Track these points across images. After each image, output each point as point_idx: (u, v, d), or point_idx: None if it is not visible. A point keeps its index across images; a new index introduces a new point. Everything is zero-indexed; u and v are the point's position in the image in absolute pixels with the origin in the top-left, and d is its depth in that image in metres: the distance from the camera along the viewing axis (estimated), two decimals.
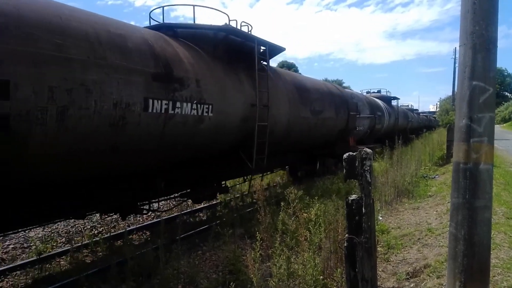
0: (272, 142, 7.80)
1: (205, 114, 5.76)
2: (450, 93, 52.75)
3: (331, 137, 11.83)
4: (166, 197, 7.25)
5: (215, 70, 6.32)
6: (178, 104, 5.18)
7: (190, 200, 8.69)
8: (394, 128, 21.07)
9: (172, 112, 5.10)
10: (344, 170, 2.90)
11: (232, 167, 7.62)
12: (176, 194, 7.41)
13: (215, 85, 6.13)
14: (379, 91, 23.75)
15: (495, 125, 3.08)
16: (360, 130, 15.34)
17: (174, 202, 8.10)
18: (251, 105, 7.05)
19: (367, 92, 23.09)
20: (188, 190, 7.24)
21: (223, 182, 8.21)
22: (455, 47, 48.69)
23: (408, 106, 37.19)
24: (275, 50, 8.53)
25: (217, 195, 8.59)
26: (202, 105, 5.68)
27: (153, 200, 6.95)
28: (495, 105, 3.00)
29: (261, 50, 7.92)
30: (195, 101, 5.50)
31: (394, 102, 23.85)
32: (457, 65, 3.23)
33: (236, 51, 7.19)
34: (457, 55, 3.08)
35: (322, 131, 10.68)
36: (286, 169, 12.61)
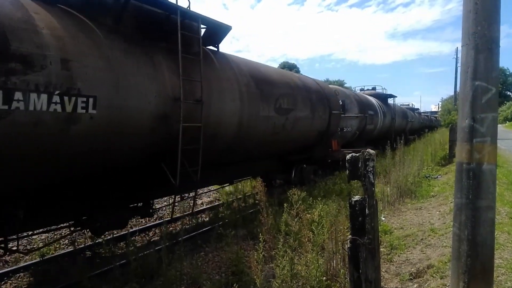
0: (217, 148, 6.41)
1: (81, 110, 4.06)
2: (452, 93, 52.80)
3: (308, 140, 9.99)
4: (45, 229, 5.47)
5: (109, 49, 4.57)
6: (18, 95, 3.51)
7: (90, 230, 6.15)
8: (390, 129, 19.38)
9: (6, 107, 3.45)
10: (347, 171, 2.90)
11: (152, 183, 5.75)
12: (68, 224, 5.56)
13: (104, 69, 4.40)
14: (373, 88, 21.72)
15: (498, 125, 3.08)
16: (347, 131, 13.99)
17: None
18: (173, 99, 5.32)
19: (361, 90, 21.36)
20: (84, 218, 5.36)
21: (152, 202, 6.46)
22: (457, 47, 48.70)
23: (408, 105, 35.99)
24: (217, 29, 6.53)
25: (133, 219, 6.83)
26: (75, 98, 3.98)
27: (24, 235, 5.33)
28: (497, 105, 3.00)
29: (201, 31, 6.20)
30: (57, 91, 3.81)
31: (390, 101, 22.01)
32: (459, 65, 3.23)
33: (155, 26, 5.49)
34: (459, 55, 3.08)
35: (293, 133, 8.88)
36: (258, 178, 11.03)
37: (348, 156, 2.88)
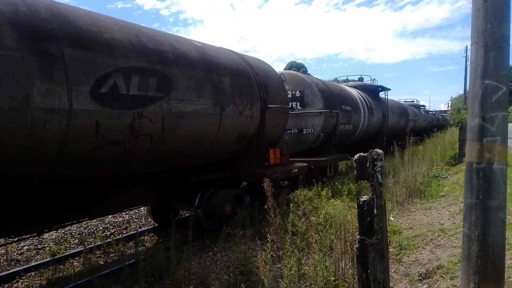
0: None
1: None
2: (462, 92, 52.32)
3: (217, 151, 6.28)
4: None
5: None
6: None
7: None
8: (382, 129, 15.57)
9: None
10: (355, 171, 2.89)
11: None
12: None
13: None
14: (360, 79, 17.35)
15: (509, 124, 3.04)
16: (307, 134, 10.17)
17: None
18: None
19: (345, 81, 17.29)
20: None
21: None
22: (466, 45, 48.20)
23: (412, 101, 31.96)
24: None
25: None
26: None
27: None
28: (508, 103, 2.97)
29: None
30: None
31: (383, 95, 17.24)
32: (468, 63, 3.23)
33: None
34: (469, 53, 3.06)
35: (174, 140, 5.24)
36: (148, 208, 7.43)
37: (356, 156, 2.87)
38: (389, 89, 16.92)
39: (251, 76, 6.96)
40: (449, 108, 62.80)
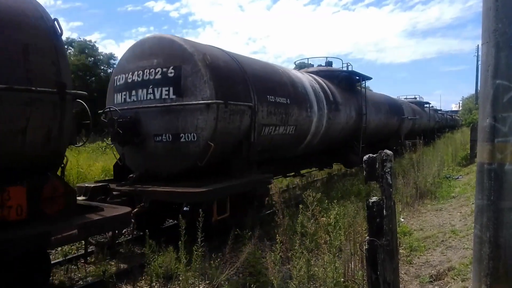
0: None
1: None
2: (473, 92, 51.66)
3: None
4: None
5: None
6: None
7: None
8: (356, 132, 11.21)
9: None
10: (364, 172, 2.88)
11: None
12: None
13: None
14: (328, 64, 12.72)
15: None
16: (186, 142, 5.80)
17: None
18: None
19: (300, 67, 12.99)
20: None
21: None
22: (478, 45, 47.53)
23: (414, 98, 26.88)
24: None
25: None
26: None
27: None
28: None
29: None
30: None
31: (362, 86, 12.58)
32: (479, 63, 3.20)
33: None
34: (480, 53, 3.04)
35: None
36: None
37: (365, 157, 2.86)
38: (370, 78, 12.61)
39: None
40: (460, 108, 62.03)
